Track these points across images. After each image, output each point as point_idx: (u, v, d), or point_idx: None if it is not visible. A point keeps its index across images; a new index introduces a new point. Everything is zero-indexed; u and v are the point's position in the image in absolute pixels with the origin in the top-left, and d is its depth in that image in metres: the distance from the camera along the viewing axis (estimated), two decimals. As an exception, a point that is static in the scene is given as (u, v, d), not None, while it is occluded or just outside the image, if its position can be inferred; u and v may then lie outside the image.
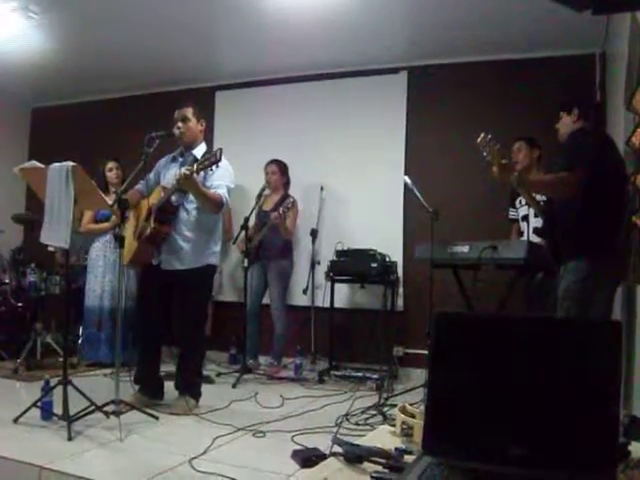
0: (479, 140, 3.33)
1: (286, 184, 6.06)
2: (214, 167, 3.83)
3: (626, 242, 3.40)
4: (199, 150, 4.24)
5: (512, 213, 4.96)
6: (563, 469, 1.47)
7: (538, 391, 1.55)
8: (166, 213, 4.10)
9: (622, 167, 3.48)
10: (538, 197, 4.13)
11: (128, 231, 4.29)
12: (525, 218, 4.72)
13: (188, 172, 3.79)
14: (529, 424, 1.54)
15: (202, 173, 3.97)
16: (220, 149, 3.80)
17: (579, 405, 1.51)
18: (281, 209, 5.49)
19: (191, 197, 4.08)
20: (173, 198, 4.09)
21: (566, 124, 3.64)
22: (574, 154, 3.33)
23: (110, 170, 5.90)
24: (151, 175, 4.38)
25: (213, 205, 4.07)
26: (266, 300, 5.94)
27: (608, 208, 3.30)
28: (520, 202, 4.78)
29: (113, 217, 5.46)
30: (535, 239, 4.44)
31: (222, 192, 4.07)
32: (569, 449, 1.49)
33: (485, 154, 3.34)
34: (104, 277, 5.74)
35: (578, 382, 1.52)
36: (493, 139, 3.32)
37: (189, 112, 4.25)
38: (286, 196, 5.89)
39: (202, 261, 4.17)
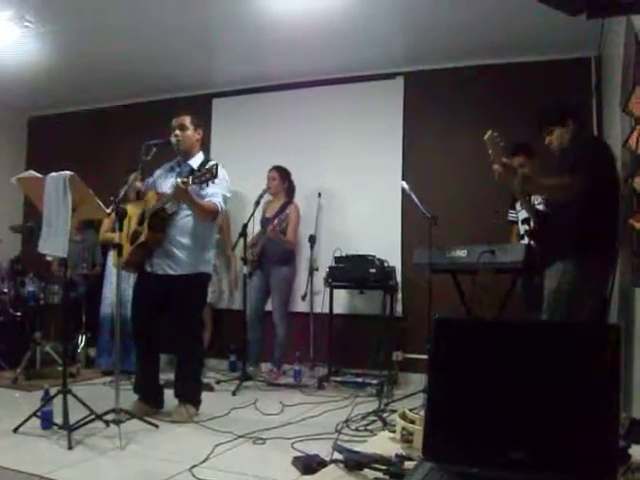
0: (486, 137, 3.31)
1: (288, 190, 6.06)
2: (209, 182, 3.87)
3: (619, 244, 3.41)
4: (196, 160, 4.25)
5: (512, 215, 4.96)
6: (564, 473, 1.47)
7: (538, 395, 1.55)
8: (160, 220, 4.11)
9: (617, 172, 3.49)
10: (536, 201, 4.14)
11: (122, 233, 4.30)
12: (526, 221, 4.70)
13: (183, 186, 3.82)
14: (529, 428, 1.54)
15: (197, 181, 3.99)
16: (216, 164, 3.88)
17: (579, 409, 1.51)
18: (276, 221, 5.51)
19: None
20: (167, 206, 4.10)
21: (561, 136, 3.63)
22: (577, 158, 3.32)
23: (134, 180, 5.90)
24: (150, 180, 4.40)
25: (207, 214, 4.10)
26: (268, 307, 5.94)
27: (604, 212, 3.31)
28: (521, 205, 4.77)
29: None
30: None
31: (217, 201, 4.09)
32: (570, 453, 1.49)
33: (490, 152, 3.33)
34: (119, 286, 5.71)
35: (578, 386, 1.52)
36: (499, 137, 3.32)
37: (187, 120, 4.26)
38: (288, 203, 5.91)
39: (195, 268, 4.17)
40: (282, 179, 5.99)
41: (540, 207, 4.13)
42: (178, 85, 6.78)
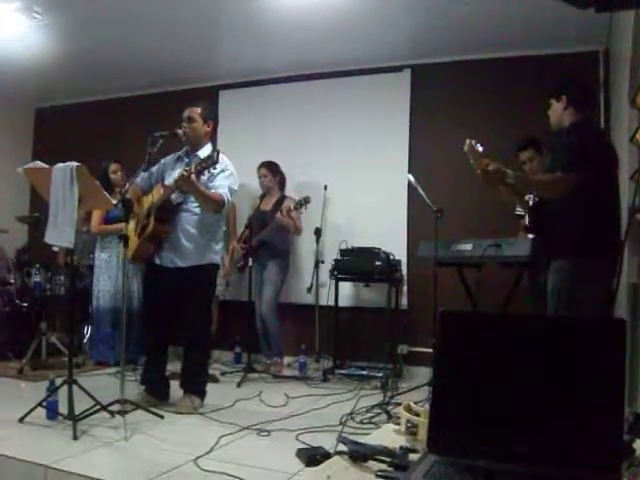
0: (465, 148, 3.22)
1: (280, 183, 6.06)
2: (212, 169, 3.86)
3: (622, 241, 3.36)
4: (204, 151, 4.24)
5: (518, 209, 4.94)
6: (568, 467, 1.47)
7: (543, 389, 1.55)
8: (166, 211, 4.12)
9: (615, 166, 3.42)
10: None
11: (130, 226, 4.31)
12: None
13: (186, 173, 3.82)
14: (534, 422, 1.54)
15: (207, 174, 3.99)
16: (217, 151, 3.87)
17: (584, 403, 1.51)
18: (292, 205, 5.49)
19: None
20: (173, 197, 4.10)
21: (556, 112, 3.51)
22: (570, 154, 3.25)
23: (114, 172, 5.90)
24: (154, 169, 4.38)
25: (213, 205, 4.10)
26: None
27: (598, 208, 3.24)
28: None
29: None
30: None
31: (223, 192, 4.10)
32: (574, 447, 1.49)
33: (471, 161, 3.25)
34: (117, 278, 5.73)
35: (583, 380, 1.52)
36: (476, 143, 3.23)
37: (196, 113, 4.26)
38: (283, 197, 5.91)
39: (204, 259, 4.19)
40: (273, 174, 5.97)
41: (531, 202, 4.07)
42: (185, 77, 6.78)
